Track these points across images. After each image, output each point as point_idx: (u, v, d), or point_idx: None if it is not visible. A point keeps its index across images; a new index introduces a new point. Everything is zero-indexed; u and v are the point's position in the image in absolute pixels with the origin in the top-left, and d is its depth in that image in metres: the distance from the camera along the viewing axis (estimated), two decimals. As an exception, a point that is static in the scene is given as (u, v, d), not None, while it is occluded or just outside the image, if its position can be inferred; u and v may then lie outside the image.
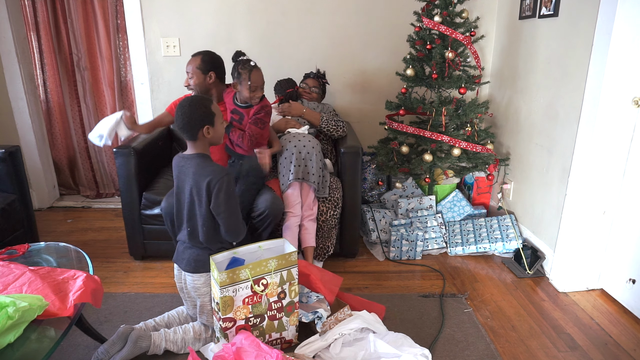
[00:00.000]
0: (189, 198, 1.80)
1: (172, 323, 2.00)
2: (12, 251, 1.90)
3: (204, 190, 1.74)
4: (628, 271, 2.17)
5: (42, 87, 3.55)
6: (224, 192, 1.74)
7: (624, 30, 1.95)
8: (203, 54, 2.39)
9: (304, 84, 2.96)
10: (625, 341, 1.98)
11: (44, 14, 3.37)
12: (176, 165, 1.85)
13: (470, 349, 1.93)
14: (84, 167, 3.76)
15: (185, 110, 1.73)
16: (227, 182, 1.74)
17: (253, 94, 2.23)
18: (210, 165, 1.77)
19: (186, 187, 1.80)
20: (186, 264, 1.85)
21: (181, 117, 1.73)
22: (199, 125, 1.74)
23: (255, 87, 2.22)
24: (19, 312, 1.33)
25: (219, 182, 1.73)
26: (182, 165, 1.81)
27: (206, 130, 1.76)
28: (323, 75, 3.03)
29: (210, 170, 1.75)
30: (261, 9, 3.07)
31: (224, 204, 1.75)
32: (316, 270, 2.12)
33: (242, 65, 2.23)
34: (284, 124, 2.64)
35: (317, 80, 2.97)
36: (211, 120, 1.76)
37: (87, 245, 2.87)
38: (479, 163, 2.81)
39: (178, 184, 1.85)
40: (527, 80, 2.71)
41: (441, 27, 2.62)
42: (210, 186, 1.73)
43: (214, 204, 1.75)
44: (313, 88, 2.94)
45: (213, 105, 1.78)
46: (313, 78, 2.97)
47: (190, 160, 1.79)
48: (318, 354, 1.84)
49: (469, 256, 2.74)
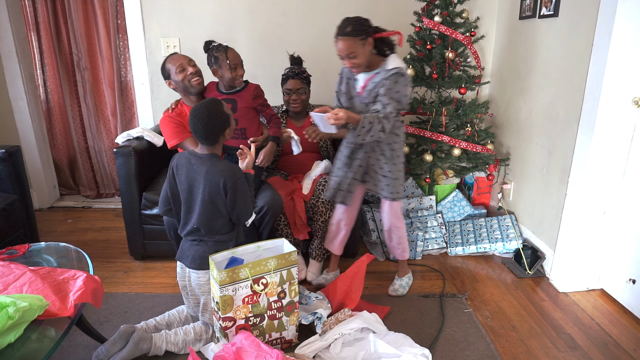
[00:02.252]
0: (202, 196, 1.80)
1: (172, 322, 2.00)
2: (12, 251, 1.91)
3: (222, 189, 1.78)
4: (628, 271, 2.17)
5: (42, 87, 3.55)
6: (240, 191, 1.80)
7: (624, 30, 1.95)
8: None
9: (287, 90, 2.60)
10: (626, 341, 1.98)
11: (44, 14, 3.37)
12: (184, 163, 1.85)
13: (470, 349, 1.93)
14: (84, 167, 3.76)
15: (205, 122, 1.75)
16: (240, 181, 1.80)
17: (235, 72, 2.25)
18: (222, 164, 1.81)
19: (198, 185, 1.81)
20: (191, 260, 1.86)
21: (203, 128, 1.75)
22: (221, 131, 1.79)
23: (235, 64, 2.24)
24: (20, 312, 1.33)
25: (233, 182, 1.78)
26: (194, 163, 1.82)
27: (227, 132, 1.81)
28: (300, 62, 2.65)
29: (222, 169, 1.79)
30: (261, 9, 3.07)
31: (240, 202, 1.81)
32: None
33: (216, 49, 2.26)
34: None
35: (299, 79, 2.59)
36: (229, 121, 1.81)
37: (87, 245, 2.87)
38: (479, 163, 2.81)
39: (186, 181, 1.84)
40: (527, 80, 2.71)
41: (441, 27, 2.63)
42: (227, 186, 1.78)
43: (230, 202, 1.80)
44: (299, 90, 2.60)
45: (225, 106, 1.83)
46: (294, 78, 2.58)
47: (204, 160, 1.81)
48: (318, 354, 1.84)
49: (469, 256, 2.74)
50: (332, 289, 2.16)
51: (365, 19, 1.98)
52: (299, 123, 2.72)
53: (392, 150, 2.13)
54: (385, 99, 1.97)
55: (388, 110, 1.96)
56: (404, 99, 1.99)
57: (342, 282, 2.13)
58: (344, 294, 2.10)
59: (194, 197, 1.82)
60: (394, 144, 2.12)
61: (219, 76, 2.31)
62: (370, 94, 2.04)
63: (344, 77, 2.17)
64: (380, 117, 1.96)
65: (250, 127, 2.33)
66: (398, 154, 2.14)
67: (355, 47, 1.93)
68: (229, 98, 2.29)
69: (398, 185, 2.17)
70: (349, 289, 2.10)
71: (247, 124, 2.32)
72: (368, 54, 1.99)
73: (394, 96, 1.97)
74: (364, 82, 2.08)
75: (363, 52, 1.96)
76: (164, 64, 2.37)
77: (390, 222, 2.26)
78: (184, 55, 2.38)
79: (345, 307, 2.04)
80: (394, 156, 2.13)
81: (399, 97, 1.98)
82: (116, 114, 3.59)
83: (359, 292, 2.08)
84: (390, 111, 1.96)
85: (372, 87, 2.03)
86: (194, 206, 1.83)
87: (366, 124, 1.95)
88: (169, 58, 2.37)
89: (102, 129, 3.68)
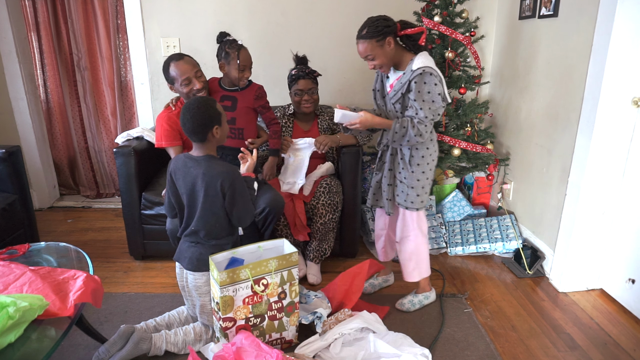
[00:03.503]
0: (202, 199, 1.79)
1: (172, 323, 2.00)
2: (12, 251, 1.91)
3: (219, 191, 1.77)
4: (627, 271, 2.17)
5: (42, 87, 3.56)
6: (238, 191, 1.79)
7: (624, 30, 1.95)
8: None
9: (298, 91, 2.52)
10: (625, 341, 1.98)
11: (44, 14, 3.37)
12: (181, 167, 1.83)
13: (470, 349, 1.93)
14: (84, 167, 3.76)
15: (194, 113, 1.73)
16: (238, 181, 1.79)
17: (242, 74, 2.21)
18: (220, 166, 1.79)
19: (198, 189, 1.79)
20: (188, 262, 1.85)
21: (190, 120, 1.73)
22: (209, 127, 1.76)
23: (244, 66, 2.20)
24: (20, 312, 1.33)
25: (231, 183, 1.76)
26: (190, 166, 1.80)
27: (215, 130, 1.77)
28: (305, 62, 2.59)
29: (220, 171, 1.77)
30: (261, 9, 3.07)
31: (240, 203, 1.80)
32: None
33: (229, 45, 2.19)
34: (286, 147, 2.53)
35: (310, 79, 2.54)
36: (219, 119, 1.78)
37: (87, 245, 2.88)
38: (479, 163, 2.81)
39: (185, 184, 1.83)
40: (527, 80, 2.71)
41: (441, 27, 2.63)
42: (224, 188, 1.76)
43: (228, 203, 1.79)
44: (311, 90, 2.54)
45: (218, 105, 1.80)
46: (305, 78, 2.52)
47: (200, 162, 1.79)
48: (318, 353, 1.84)
49: (469, 256, 2.74)
50: (332, 288, 2.16)
51: (383, 19, 1.91)
52: (306, 126, 2.66)
53: (411, 157, 2.02)
54: (417, 103, 1.87)
55: (422, 115, 1.87)
56: (437, 97, 1.86)
57: (343, 281, 2.13)
58: (344, 293, 2.10)
59: (196, 200, 1.81)
60: (415, 150, 2.00)
61: (224, 72, 2.27)
62: (397, 94, 1.95)
63: (379, 74, 2.11)
64: (415, 122, 1.88)
65: (248, 128, 2.32)
66: (418, 161, 2.01)
67: (372, 49, 1.89)
68: (230, 95, 2.28)
69: (413, 194, 2.03)
70: (349, 289, 2.10)
71: (245, 124, 2.31)
72: (390, 54, 1.92)
73: (426, 98, 1.86)
74: (392, 81, 2.02)
75: (382, 53, 1.90)
76: (168, 67, 2.20)
77: (402, 232, 2.13)
78: (190, 63, 2.21)
79: (345, 307, 2.04)
80: (413, 163, 2.01)
81: (432, 98, 1.86)
82: (116, 114, 3.59)
83: (358, 292, 2.08)
84: (425, 115, 1.87)
85: (399, 87, 1.94)
86: (195, 209, 1.82)
87: (398, 128, 1.89)
88: (175, 63, 2.19)
89: (102, 129, 3.68)
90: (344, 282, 2.13)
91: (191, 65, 2.20)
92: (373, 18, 1.92)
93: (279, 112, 2.68)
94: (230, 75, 2.24)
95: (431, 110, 1.88)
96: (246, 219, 1.87)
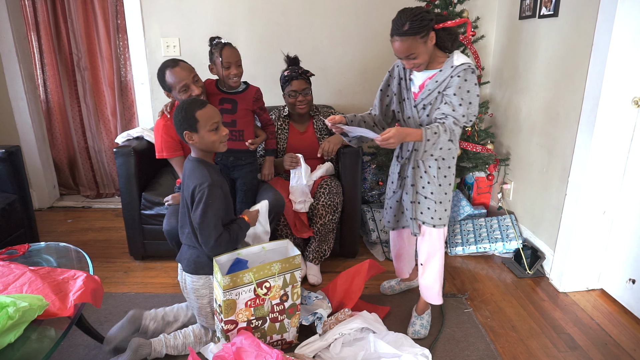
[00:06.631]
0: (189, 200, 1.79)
1: (179, 315, 2.00)
2: (12, 251, 1.90)
3: (190, 197, 1.75)
4: (628, 271, 2.17)
5: (42, 87, 3.56)
6: (203, 202, 1.69)
7: (624, 30, 1.95)
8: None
9: (292, 92, 2.48)
10: (625, 341, 1.98)
11: (44, 14, 3.37)
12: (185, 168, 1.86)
13: (470, 349, 1.93)
14: (84, 167, 3.76)
15: (176, 111, 1.75)
16: (207, 193, 1.69)
17: (227, 71, 2.16)
18: (199, 171, 1.74)
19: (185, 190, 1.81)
20: (186, 264, 1.86)
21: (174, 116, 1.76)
22: (179, 130, 1.74)
23: (228, 63, 2.15)
24: (19, 312, 1.33)
25: (200, 192, 1.70)
26: (185, 167, 1.83)
27: (187, 135, 1.72)
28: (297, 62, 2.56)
29: (196, 176, 1.73)
30: (261, 9, 3.07)
31: (200, 215, 1.71)
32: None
33: (214, 46, 2.19)
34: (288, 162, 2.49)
35: (303, 79, 2.49)
36: (191, 125, 1.69)
37: (87, 245, 2.87)
38: (479, 163, 2.81)
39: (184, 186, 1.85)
40: (527, 80, 2.71)
41: (441, 27, 2.62)
42: (194, 194, 1.72)
43: (192, 212, 1.75)
44: (305, 90, 2.49)
45: (200, 111, 1.70)
46: (298, 79, 2.47)
47: (188, 163, 1.81)
48: (318, 353, 1.84)
49: (469, 256, 2.74)
50: (332, 288, 2.16)
51: (425, 11, 1.66)
52: (302, 128, 2.64)
53: (438, 169, 1.80)
54: (457, 99, 1.67)
55: (460, 113, 1.68)
56: (475, 99, 1.69)
57: (343, 280, 2.13)
58: (344, 293, 2.10)
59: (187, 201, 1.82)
60: (442, 160, 1.80)
61: (214, 73, 2.26)
62: (430, 95, 1.74)
63: (396, 75, 1.86)
64: (446, 125, 1.68)
65: (248, 130, 2.32)
66: (445, 173, 1.81)
67: (415, 47, 1.64)
68: (230, 98, 2.27)
69: (441, 209, 1.83)
70: (349, 289, 2.10)
71: (245, 126, 2.30)
72: (431, 51, 1.71)
73: (465, 97, 1.67)
74: (422, 82, 1.79)
75: (425, 50, 1.67)
76: (163, 74, 2.09)
77: (428, 253, 1.92)
78: (186, 69, 2.10)
79: (345, 306, 2.04)
80: (440, 175, 1.81)
81: (470, 98, 1.68)
82: (116, 114, 3.59)
83: (358, 292, 2.07)
84: (462, 114, 1.68)
85: (434, 86, 1.73)
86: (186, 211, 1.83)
87: (431, 136, 1.66)
88: (170, 71, 2.07)
89: (102, 129, 3.68)
90: (344, 282, 2.12)
91: (187, 71, 2.10)
92: (412, 10, 1.65)
93: (274, 115, 2.65)
94: (219, 75, 2.23)
95: (469, 111, 1.70)
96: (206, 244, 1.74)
